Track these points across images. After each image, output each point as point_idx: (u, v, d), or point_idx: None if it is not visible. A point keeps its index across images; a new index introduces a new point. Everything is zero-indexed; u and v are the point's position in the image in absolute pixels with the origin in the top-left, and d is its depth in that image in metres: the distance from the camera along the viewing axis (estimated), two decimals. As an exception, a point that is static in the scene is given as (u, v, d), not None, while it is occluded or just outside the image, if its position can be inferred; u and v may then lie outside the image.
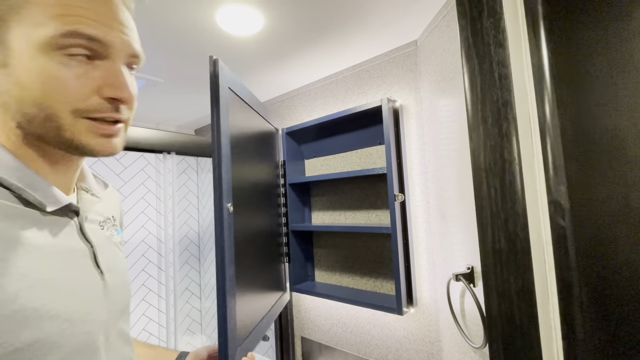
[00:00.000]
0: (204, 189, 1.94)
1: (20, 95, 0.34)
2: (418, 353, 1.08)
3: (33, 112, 0.34)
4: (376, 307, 1.07)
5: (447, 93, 0.87)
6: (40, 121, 0.35)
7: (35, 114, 0.34)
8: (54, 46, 0.33)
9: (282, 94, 1.56)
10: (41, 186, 0.36)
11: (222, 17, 0.91)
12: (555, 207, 0.47)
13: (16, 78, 0.33)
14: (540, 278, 0.47)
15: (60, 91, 0.34)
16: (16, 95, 0.34)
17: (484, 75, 0.52)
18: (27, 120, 0.35)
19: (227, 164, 0.77)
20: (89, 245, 0.42)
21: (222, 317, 0.71)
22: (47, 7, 0.33)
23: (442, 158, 0.93)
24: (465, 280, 0.76)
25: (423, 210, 1.09)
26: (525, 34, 0.49)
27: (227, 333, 0.70)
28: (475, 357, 0.79)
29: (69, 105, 0.35)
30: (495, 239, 0.50)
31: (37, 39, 0.33)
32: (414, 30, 1.05)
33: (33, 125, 0.35)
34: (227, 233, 0.74)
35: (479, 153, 0.52)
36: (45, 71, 0.33)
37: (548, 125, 0.48)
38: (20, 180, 0.35)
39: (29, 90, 0.34)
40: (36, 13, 0.33)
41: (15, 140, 0.36)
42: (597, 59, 0.45)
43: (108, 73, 0.36)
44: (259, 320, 0.91)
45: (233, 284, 0.75)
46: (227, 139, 0.78)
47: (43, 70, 0.33)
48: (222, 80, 0.78)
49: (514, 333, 0.49)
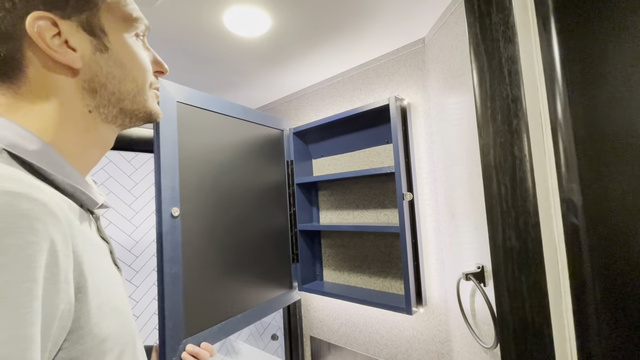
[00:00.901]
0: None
1: (123, 74, 0.39)
2: (428, 353, 1.07)
3: (130, 87, 0.40)
4: (385, 306, 1.06)
5: (456, 90, 0.86)
6: (133, 96, 0.40)
7: (131, 90, 0.40)
8: (134, 31, 0.41)
9: (290, 94, 1.56)
10: (87, 186, 0.39)
11: (229, 19, 0.92)
12: (568, 204, 0.46)
13: (117, 60, 0.39)
14: (553, 276, 0.47)
15: (146, 68, 0.42)
16: (118, 75, 0.39)
17: (493, 72, 0.51)
18: (115, 100, 0.39)
19: (170, 171, 0.86)
20: (106, 243, 0.44)
21: (160, 311, 0.81)
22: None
23: (451, 156, 0.92)
24: (476, 279, 0.75)
25: (432, 209, 1.08)
26: (536, 28, 0.49)
27: (164, 325, 0.80)
28: (487, 357, 0.78)
29: (149, 79, 0.42)
30: (506, 237, 0.50)
31: (125, 24, 0.40)
32: (422, 28, 1.04)
33: (115, 107, 0.40)
34: (171, 236, 0.84)
35: (489, 150, 0.52)
36: (136, 51, 0.41)
37: (560, 121, 0.47)
38: (76, 182, 0.37)
39: (128, 70, 0.40)
40: (117, 3, 0.39)
41: (83, 125, 0.38)
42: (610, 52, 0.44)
43: (150, 50, 0.44)
44: (226, 317, 0.98)
45: (176, 281, 0.85)
46: (169, 148, 0.87)
47: (135, 50, 0.40)
48: (166, 97, 0.88)
49: (526, 332, 0.48)
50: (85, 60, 0.37)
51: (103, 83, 0.38)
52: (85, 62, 0.37)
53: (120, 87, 0.39)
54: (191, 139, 0.93)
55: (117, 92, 0.39)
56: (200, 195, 0.94)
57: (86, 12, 0.37)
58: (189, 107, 0.93)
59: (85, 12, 0.37)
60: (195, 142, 0.94)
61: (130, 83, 0.40)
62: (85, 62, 0.37)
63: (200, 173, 0.94)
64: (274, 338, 1.60)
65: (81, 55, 0.36)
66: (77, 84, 0.37)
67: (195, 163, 0.93)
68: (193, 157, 0.93)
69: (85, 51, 0.37)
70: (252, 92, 1.52)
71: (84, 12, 0.36)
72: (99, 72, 0.38)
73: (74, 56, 0.36)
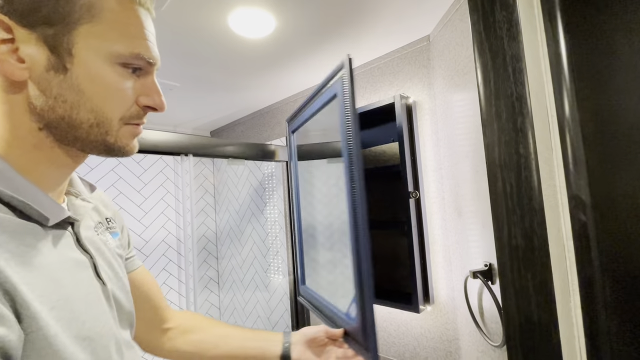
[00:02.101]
0: (220, 189, 1.98)
1: (76, 100, 0.35)
2: (436, 351, 1.07)
3: (85, 117, 0.35)
4: (392, 304, 1.07)
5: (462, 88, 0.86)
6: (88, 126, 0.36)
7: (86, 119, 0.35)
8: (119, 61, 0.36)
9: (295, 94, 1.57)
10: (43, 200, 0.35)
11: (234, 20, 0.93)
12: (576, 202, 0.46)
13: (74, 84, 0.34)
14: (561, 275, 0.46)
15: (117, 100, 0.37)
16: (71, 100, 0.35)
17: (497, 70, 0.51)
18: (66, 124, 0.35)
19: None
20: (88, 256, 0.41)
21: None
22: (123, 26, 0.36)
23: (457, 154, 0.92)
24: (483, 277, 0.75)
25: (438, 207, 1.07)
26: (542, 24, 0.48)
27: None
28: (495, 355, 0.77)
29: (119, 113, 0.37)
30: (512, 236, 0.49)
31: (107, 52, 0.35)
32: (427, 26, 1.03)
33: (67, 131, 0.36)
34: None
35: (493, 148, 0.52)
36: (108, 81, 0.36)
37: (567, 118, 0.46)
38: (25, 196, 0.33)
39: (87, 97, 0.35)
40: (110, 29, 0.35)
41: (31, 142, 0.35)
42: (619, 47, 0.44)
43: (147, 84, 0.39)
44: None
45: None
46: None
47: (106, 80, 0.36)
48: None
49: (533, 331, 0.48)
50: (34, 76, 0.33)
51: (51, 105, 0.34)
52: (33, 77, 0.33)
53: (72, 113, 0.35)
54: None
55: (68, 117, 0.35)
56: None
57: (57, 26, 0.33)
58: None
59: (55, 26, 0.33)
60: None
61: (87, 112, 0.35)
62: (33, 78, 0.33)
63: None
64: (282, 336, 1.62)
65: (28, 69, 0.33)
66: (23, 98, 0.34)
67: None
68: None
69: (36, 66, 0.33)
70: (257, 92, 1.53)
71: (53, 27, 0.33)
72: (47, 92, 0.34)
73: (14, 67, 0.32)
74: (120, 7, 0.36)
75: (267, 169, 1.69)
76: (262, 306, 1.70)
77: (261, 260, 1.71)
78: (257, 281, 1.73)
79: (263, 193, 1.71)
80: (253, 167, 1.76)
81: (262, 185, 1.72)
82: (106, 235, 0.48)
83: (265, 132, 1.76)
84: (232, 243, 1.88)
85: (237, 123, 1.96)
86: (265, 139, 1.75)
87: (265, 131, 1.76)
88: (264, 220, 1.70)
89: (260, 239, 1.72)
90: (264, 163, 1.70)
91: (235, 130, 1.97)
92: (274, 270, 1.65)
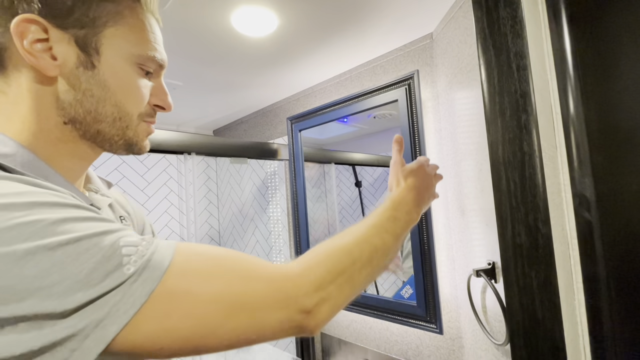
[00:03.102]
0: (223, 187, 1.99)
1: (102, 95, 0.39)
2: (439, 349, 1.07)
3: (110, 111, 0.39)
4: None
5: (465, 86, 0.85)
6: (109, 121, 0.40)
7: (110, 113, 0.39)
8: (136, 61, 0.40)
9: (297, 92, 1.57)
10: (70, 188, 0.38)
11: (237, 19, 0.93)
12: (580, 200, 0.45)
13: (101, 80, 0.38)
14: (565, 272, 0.46)
15: (136, 96, 0.41)
16: (98, 95, 0.38)
17: (501, 67, 0.51)
18: (91, 118, 0.39)
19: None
20: None
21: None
22: (140, 31, 0.41)
23: (461, 152, 0.92)
24: (487, 276, 0.75)
25: (441, 205, 1.07)
26: (546, 20, 0.48)
27: None
28: (498, 354, 0.77)
29: (137, 109, 0.41)
30: (516, 233, 0.49)
31: (127, 52, 0.40)
32: (430, 23, 1.03)
33: (91, 125, 0.39)
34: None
35: (497, 146, 0.51)
36: (129, 79, 0.40)
37: (571, 115, 0.46)
38: (54, 183, 0.36)
39: (112, 92, 0.39)
40: (130, 32, 0.40)
41: (56, 135, 0.38)
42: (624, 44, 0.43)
43: (157, 85, 0.44)
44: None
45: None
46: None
47: (127, 77, 0.40)
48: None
49: (536, 329, 0.48)
50: (65, 72, 0.37)
51: (79, 99, 0.38)
52: (64, 73, 0.37)
53: (98, 107, 0.39)
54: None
55: (94, 111, 0.38)
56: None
57: (87, 29, 0.37)
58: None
59: (85, 29, 0.37)
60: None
61: (111, 106, 0.39)
62: (64, 74, 0.37)
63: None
64: (285, 334, 1.62)
65: (60, 65, 0.36)
66: (52, 92, 0.37)
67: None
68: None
69: (67, 63, 0.37)
70: (260, 91, 1.53)
71: (84, 29, 0.37)
72: (76, 87, 0.37)
73: (48, 63, 0.36)
74: (137, 15, 0.41)
75: (270, 167, 1.70)
76: (265, 304, 1.71)
77: (264, 258, 1.72)
78: (260, 279, 1.73)
79: (266, 191, 1.71)
80: (256, 165, 1.76)
81: (264, 184, 1.73)
82: None
83: (267, 131, 1.76)
84: (235, 241, 1.89)
85: (239, 122, 1.97)
86: (267, 138, 1.75)
87: (267, 130, 1.76)
88: (267, 219, 1.70)
89: (263, 237, 1.72)
90: (266, 161, 1.70)
91: (238, 129, 1.98)
92: (276, 268, 1.65)
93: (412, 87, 1.02)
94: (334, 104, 1.23)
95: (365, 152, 1.37)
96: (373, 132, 1.31)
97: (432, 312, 0.97)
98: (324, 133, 1.44)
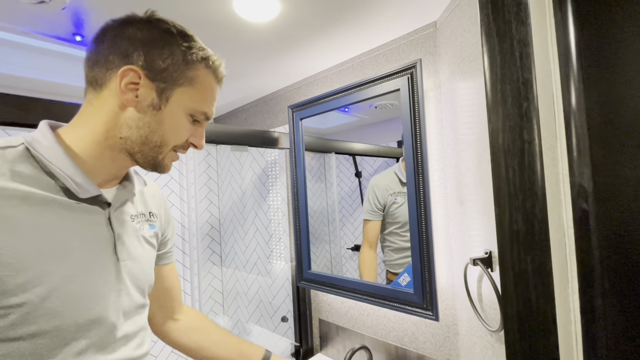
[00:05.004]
0: (224, 176, 1.99)
1: (156, 128, 0.52)
2: (434, 336, 1.09)
3: (154, 139, 0.52)
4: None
5: (468, 75, 0.85)
6: (151, 146, 0.53)
7: (154, 141, 0.52)
8: (190, 112, 0.54)
9: (299, 80, 1.56)
10: (79, 179, 0.48)
11: (239, 3, 0.92)
12: (579, 189, 0.46)
13: (160, 119, 0.52)
14: (560, 261, 0.47)
15: (178, 135, 0.54)
16: (153, 127, 0.52)
17: (504, 55, 0.50)
18: (140, 140, 0.52)
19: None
20: (112, 234, 0.53)
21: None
22: (203, 94, 0.55)
23: (461, 142, 0.92)
24: (483, 264, 0.76)
25: (441, 195, 1.08)
26: (551, 9, 0.47)
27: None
28: (492, 340, 0.79)
29: (174, 143, 0.55)
30: (513, 220, 0.50)
31: (187, 106, 0.53)
32: (434, 11, 1.02)
33: (138, 145, 0.52)
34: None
35: (498, 134, 0.52)
36: (180, 123, 0.54)
37: (573, 104, 0.46)
38: (67, 171, 0.47)
39: (164, 129, 0.52)
40: (196, 93, 0.54)
41: (109, 142, 0.51)
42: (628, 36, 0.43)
43: (199, 131, 0.57)
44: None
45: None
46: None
47: (178, 122, 0.54)
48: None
49: (530, 314, 0.49)
50: (139, 107, 0.51)
51: (140, 126, 0.51)
52: (138, 108, 0.51)
53: (149, 135, 0.52)
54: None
55: (144, 137, 0.52)
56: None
57: (167, 84, 0.51)
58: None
59: (166, 83, 0.51)
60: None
61: (158, 137, 0.52)
62: (138, 108, 0.51)
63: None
64: (284, 320, 1.65)
65: (138, 102, 0.50)
66: (123, 115, 0.51)
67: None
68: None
69: (143, 102, 0.51)
70: (261, 79, 1.52)
71: (165, 83, 0.51)
72: (141, 118, 0.51)
73: (131, 99, 0.50)
74: (206, 82, 0.55)
75: (271, 156, 1.70)
76: (265, 291, 1.74)
77: (264, 246, 1.73)
78: (260, 267, 1.75)
79: (266, 180, 1.72)
80: (256, 154, 1.76)
81: (265, 172, 1.73)
82: (144, 224, 0.62)
83: (268, 119, 1.76)
84: (235, 229, 1.90)
85: (240, 110, 1.96)
86: (268, 126, 1.75)
87: (268, 118, 1.76)
88: (267, 207, 1.71)
89: (263, 225, 1.73)
90: (267, 150, 1.70)
91: (239, 117, 1.97)
92: (276, 256, 1.67)
93: (415, 76, 1.01)
94: (336, 92, 1.23)
95: (366, 143, 1.37)
96: (374, 123, 1.31)
97: (429, 300, 0.99)
98: (325, 123, 1.44)
